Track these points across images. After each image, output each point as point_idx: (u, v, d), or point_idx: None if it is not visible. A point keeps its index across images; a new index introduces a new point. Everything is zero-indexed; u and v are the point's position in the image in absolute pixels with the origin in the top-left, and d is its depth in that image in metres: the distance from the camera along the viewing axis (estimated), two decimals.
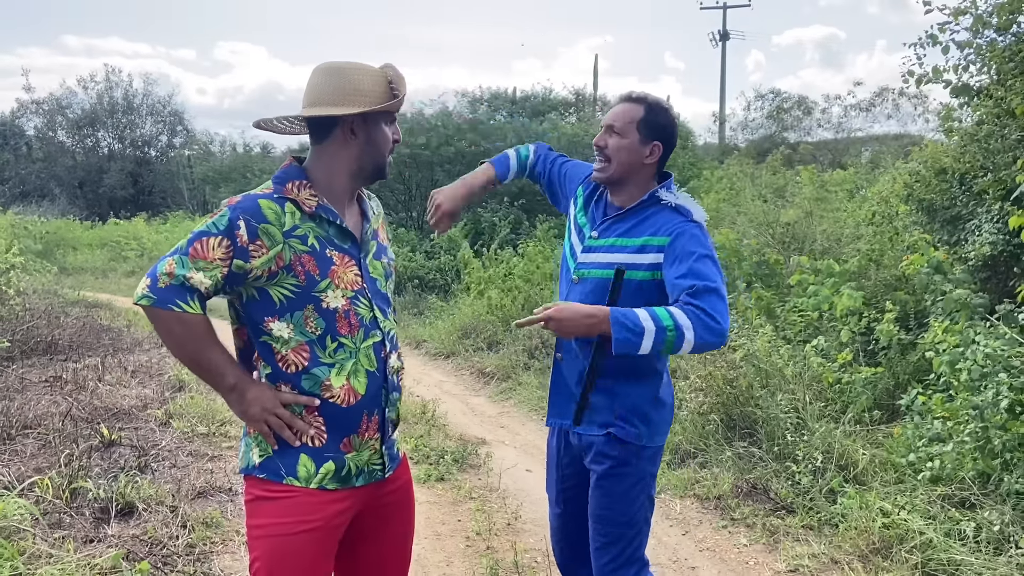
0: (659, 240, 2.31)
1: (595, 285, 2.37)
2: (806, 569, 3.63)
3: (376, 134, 1.98)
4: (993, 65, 5.05)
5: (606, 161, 2.39)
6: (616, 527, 2.42)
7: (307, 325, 1.90)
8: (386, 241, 2.16)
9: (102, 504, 3.86)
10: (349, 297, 1.94)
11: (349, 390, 1.93)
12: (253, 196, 1.90)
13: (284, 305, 1.89)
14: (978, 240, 5.29)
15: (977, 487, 3.74)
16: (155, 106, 33.46)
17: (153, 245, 20.55)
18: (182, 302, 1.82)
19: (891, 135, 18.94)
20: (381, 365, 1.98)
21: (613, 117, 2.40)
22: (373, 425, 1.98)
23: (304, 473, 1.91)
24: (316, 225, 1.93)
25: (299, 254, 1.89)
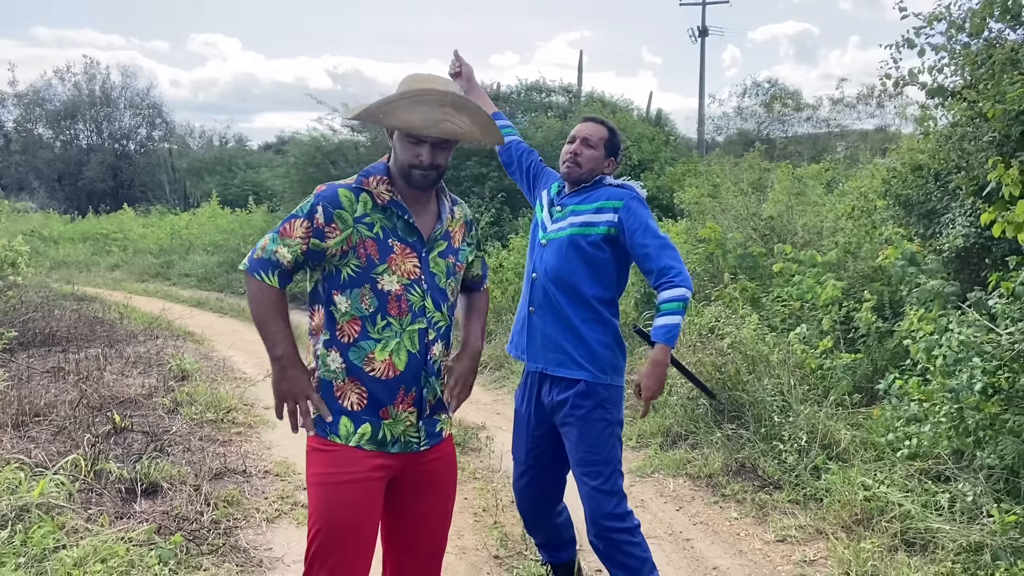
0: (613, 203, 2.95)
1: (561, 244, 2.97)
2: (793, 539, 3.90)
3: (398, 146, 2.22)
4: (966, 69, 5.33)
5: (577, 166, 3.03)
6: (596, 466, 2.90)
7: (362, 301, 2.17)
8: (461, 244, 2.38)
9: (127, 484, 4.04)
10: (404, 284, 2.19)
11: (390, 365, 2.19)
12: (336, 185, 2.20)
13: (348, 281, 2.17)
14: (952, 233, 5.58)
15: (952, 462, 4.02)
16: (133, 99, 33.31)
17: (139, 238, 20.48)
18: (264, 273, 2.14)
19: (870, 131, 19.34)
20: (423, 348, 2.23)
21: (589, 133, 3.06)
22: (409, 400, 2.22)
23: (344, 432, 2.19)
24: (385, 216, 2.21)
25: (364, 239, 2.17)
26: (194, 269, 17.23)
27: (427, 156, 2.18)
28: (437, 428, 2.34)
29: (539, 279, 3.01)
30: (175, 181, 29.92)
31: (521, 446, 3.12)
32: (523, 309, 3.10)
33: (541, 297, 3.00)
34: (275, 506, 4.21)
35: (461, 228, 2.41)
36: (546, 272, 2.99)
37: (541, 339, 3.00)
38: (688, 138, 26.05)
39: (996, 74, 4.91)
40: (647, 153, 14.47)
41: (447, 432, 2.39)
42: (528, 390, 3.08)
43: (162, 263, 18.51)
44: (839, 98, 19.44)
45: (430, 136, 2.16)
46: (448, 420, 2.39)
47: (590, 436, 2.91)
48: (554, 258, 2.99)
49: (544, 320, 2.99)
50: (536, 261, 3.06)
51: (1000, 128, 4.75)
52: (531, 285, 3.05)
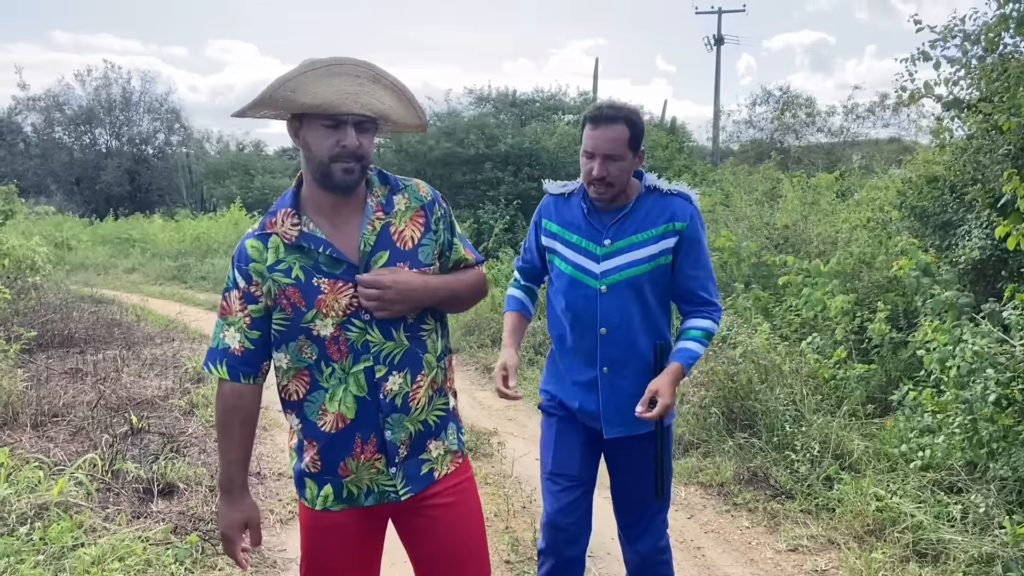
0: (678, 225, 2.52)
1: (632, 285, 2.52)
2: (805, 548, 3.90)
3: (307, 137, 1.84)
4: (982, 82, 5.33)
5: (609, 187, 2.50)
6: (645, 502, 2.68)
7: (303, 352, 1.89)
8: (419, 240, 1.96)
9: (144, 484, 4.10)
10: (339, 323, 1.87)
11: (339, 416, 1.90)
12: (244, 238, 1.92)
13: (279, 338, 1.90)
14: (968, 245, 5.57)
15: (965, 474, 4.01)
16: (152, 104, 33.64)
17: (158, 241, 20.70)
18: (213, 365, 1.91)
19: (885, 140, 19.22)
20: (372, 389, 1.89)
21: (610, 147, 2.47)
22: (371, 447, 1.92)
23: (309, 495, 1.98)
24: (302, 255, 1.87)
25: (283, 287, 1.86)
26: (211, 272, 17.37)
27: (351, 139, 1.80)
28: (423, 470, 1.99)
29: (610, 333, 2.55)
30: (192, 185, 30.17)
31: (572, 462, 2.70)
32: (584, 370, 2.61)
33: (618, 353, 2.56)
34: (288, 508, 4.25)
35: (413, 220, 1.96)
36: (625, 324, 2.54)
37: (623, 402, 2.56)
38: (703, 146, 26.06)
39: (1011, 87, 4.91)
40: (660, 160, 14.50)
41: (442, 471, 2.02)
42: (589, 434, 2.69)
43: (179, 266, 18.66)
44: (851, 107, 19.36)
45: (351, 113, 1.79)
46: (443, 457, 2.03)
47: (648, 473, 2.65)
48: (627, 305, 2.54)
49: (626, 379, 2.57)
50: (596, 311, 2.56)
51: (1015, 141, 4.75)
52: (599, 341, 2.57)
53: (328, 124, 1.80)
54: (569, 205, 2.66)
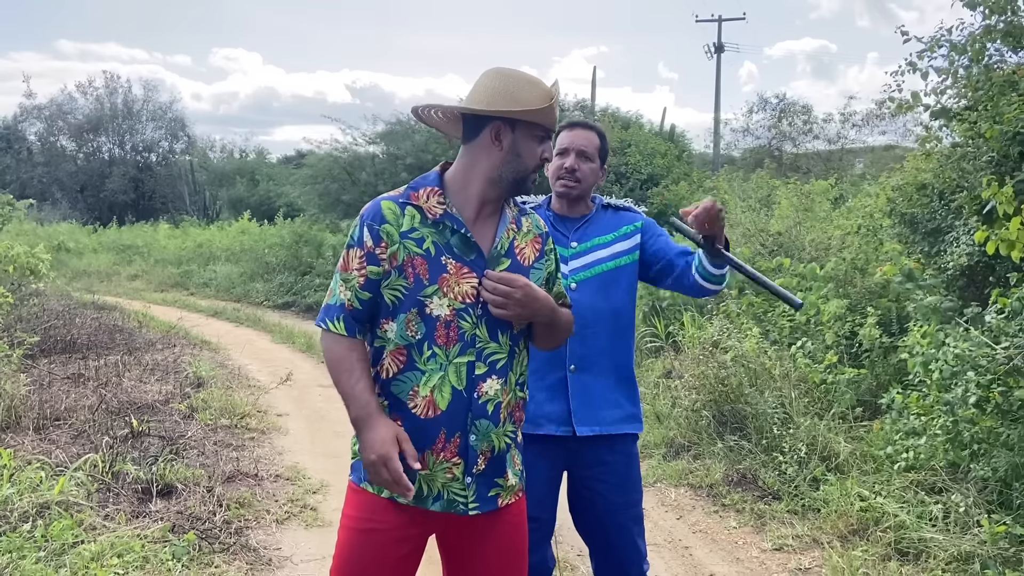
0: (636, 226, 2.72)
1: (599, 281, 2.61)
2: (790, 548, 3.99)
3: (522, 145, 1.96)
4: (967, 92, 5.42)
5: (577, 182, 2.64)
6: (637, 507, 2.68)
7: (408, 328, 1.90)
8: (533, 263, 2.04)
9: (143, 485, 4.19)
10: (456, 308, 1.90)
11: (430, 402, 1.90)
12: (380, 199, 1.97)
13: (394, 307, 1.92)
14: (956, 252, 5.64)
15: (947, 474, 4.09)
16: (156, 112, 33.85)
17: (161, 249, 20.85)
18: (329, 320, 1.93)
19: (882, 147, 19.31)
20: (470, 385, 1.91)
21: (584, 143, 2.66)
22: (452, 447, 1.91)
23: None
24: (437, 231, 1.93)
25: (412, 256, 1.90)
26: (213, 279, 17.49)
27: (551, 152, 2.05)
28: (491, 492, 1.96)
29: (579, 330, 2.49)
30: (195, 192, 30.34)
31: (549, 507, 2.65)
32: (550, 372, 2.58)
33: (586, 351, 2.58)
34: (285, 508, 4.33)
35: (533, 242, 2.07)
36: (594, 319, 2.56)
37: (593, 399, 2.58)
38: (704, 153, 26.15)
39: (995, 96, 5.00)
40: (659, 168, 14.57)
41: (506, 501, 2.00)
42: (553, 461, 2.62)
43: (182, 273, 18.80)
44: (848, 115, 19.42)
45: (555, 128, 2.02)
46: (513, 489, 2.01)
47: (632, 477, 2.67)
48: (595, 298, 2.58)
49: (594, 376, 2.59)
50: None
51: (998, 148, 4.83)
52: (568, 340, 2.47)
53: (541, 135, 1.98)
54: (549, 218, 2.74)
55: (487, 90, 1.95)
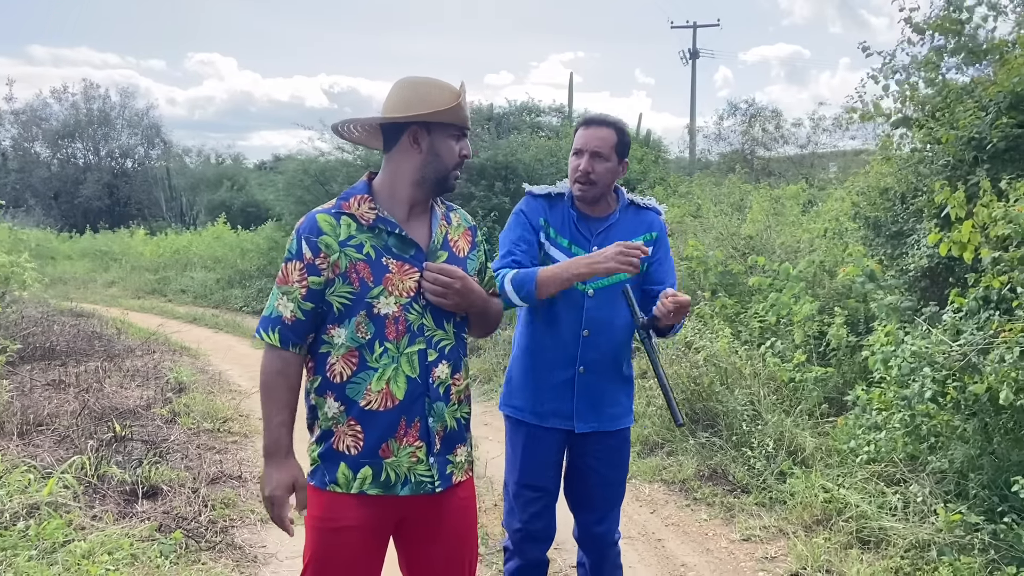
0: (653, 235, 2.77)
1: (614, 290, 2.66)
2: (757, 538, 4.15)
3: (439, 145, 2.06)
4: (926, 103, 5.65)
5: (592, 184, 2.66)
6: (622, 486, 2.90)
7: (358, 330, 2.00)
8: (468, 253, 2.18)
9: (129, 487, 4.28)
10: (402, 304, 2.01)
11: (387, 394, 1.99)
12: (313, 213, 2.05)
13: (342, 312, 2.00)
14: (917, 253, 5.86)
15: (906, 466, 4.28)
16: (133, 118, 33.66)
17: (137, 255, 20.73)
18: (265, 331, 2.02)
19: (852, 152, 19.65)
20: (423, 371, 2.02)
21: (598, 144, 2.65)
22: (413, 431, 2.02)
23: (343, 480, 2.02)
24: (374, 236, 2.03)
25: (354, 262, 1.99)
26: (191, 286, 17.47)
27: (468, 148, 2.11)
28: (447, 470, 2.09)
29: (592, 335, 2.68)
30: (172, 198, 30.21)
31: (542, 475, 2.80)
32: (559, 371, 2.71)
33: (596, 354, 2.70)
34: None
35: (465, 235, 2.21)
36: (607, 326, 2.69)
37: (596, 399, 2.73)
38: (681, 158, 26.41)
39: (951, 104, 5.22)
40: (635, 173, 14.79)
41: (459, 478, 2.13)
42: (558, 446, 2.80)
43: (159, 279, 18.75)
44: (818, 120, 19.73)
45: (468, 129, 2.11)
46: (462, 465, 2.15)
47: (624, 459, 2.87)
48: (610, 308, 2.68)
49: (600, 377, 2.72)
50: (581, 313, 2.68)
51: (953, 153, 5.04)
52: (580, 343, 2.69)
53: (455, 134, 2.08)
54: (557, 210, 2.76)
55: (399, 99, 2.06)
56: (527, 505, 2.83)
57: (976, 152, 4.94)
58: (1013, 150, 4.74)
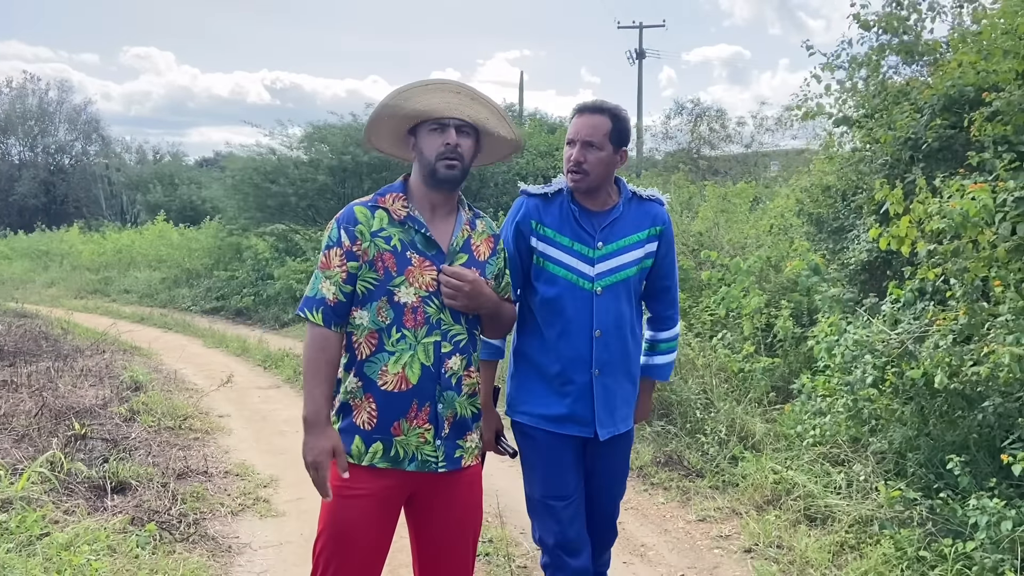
0: (658, 228, 2.66)
1: (623, 287, 2.61)
2: (712, 518, 4.37)
3: (423, 142, 2.23)
4: (865, 102, 5.95)
5: (584, 174, 2.54)
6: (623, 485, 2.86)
7: (379, 314, 2.17)
8: (488, 258, 2.34)
9: (96, 482, 4.30)
10: (422, 296, 2.18)
11: (402, 377, 2.16)
12: (352, 204, 2.25)
13: (365, 296, 2.19)
14: (857, 248, 6.17)
15: (849, 448, 4.55)
16: (70, 114, 32.80)
17: (77, 254, 20.23)
18: (309, 310, 2.18)
19: (795, 151, 20.20)
20: (437, 361, 2.19)
21: (589, 133, 2.53)
22: (423, 415, 2.19)
23: (356, 451, 2.18)
24: (402, 231, 2.22)
25: (381, 251, 2.18)
26: (135, 285, 17.18)
27: (453, 137, 2.19)
28: (456, 454, 2.26)
29: (604, 336, 2.58)
30: (112, 196, 29.52)
31: (566, 483, 2.67)
32: (575, 375, 2.59)
33: (608, 355, 2.59)
34: (238, 501, 4.49)
35: (487, 241, 2.37)
36: (616, 325, 2.60)
37: (612, 401, 2.63)
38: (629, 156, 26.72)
39: (889, 105, 5.52)
40: None
41: (468, 462, 2.30)
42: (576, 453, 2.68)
43: (101, 279, 18.40)
44: (761, 120, 20.24)
45: (453, 118, 2.19)
46: (472, 450, 2.31)
47: (626, 465, 2.84)
48: (619, 306, 2.60)
49: (615, 380, 2.62)
50: (591, 313, 2.57)
51: (891, 152, 5.34)
52: (593, 344, 2.58)
53: (435, 128, 2.20)
54: (555, 207, 2.64)
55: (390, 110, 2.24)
56: (559, 516, 2.68)
57: (912, 152, 5.24)
58: (946, 150, 5.05)
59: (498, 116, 2.29)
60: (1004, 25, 4.52)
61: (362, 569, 2.23)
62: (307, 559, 2.92)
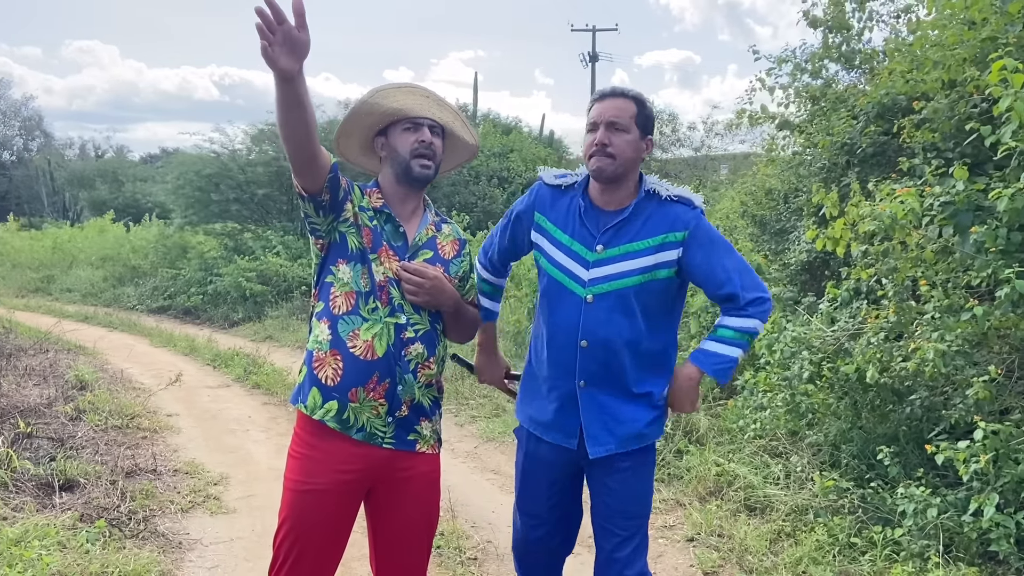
0: (678, 235, 2.34)
1: (619, 298, 2.36)
2: (657, 510, 4.50)
3: (395, 142, 2.32)
4: (806, 106, 6.19)
5: (610, 158, 2.32)
6: (639, 519, 2.51)
7: (361, 278, 2.26)
8: (452, 257, 2.42)
9: (44, 480, 4.26)
10: (389, 277, 2.28)
11: (370, 346, 2.23)
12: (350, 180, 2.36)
13: (353, 254, 2.27)
14: (797, 249, 6.40)
15: (787, 441, 4.73)
16: (9, 109, 31.88)
17: (16, 252, 19.67)
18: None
19: (742, 155, 20.64)
20: (399, 343, 2.26)
21: (614, 113, 2.34)
22: (380, 389, 2.24)
23: (312, 403, 2.25)
24: (379, 217, 2.33)
25: (363, 224, 2.29)
26: (77, 284, 16.82)
27: (428, 135, 2.27)
28: (409, 436, 2.32)
29: (591, 347, 2.37)
30: (54, 193, 28.78)
31: (537, 502, 2.59)
32: (559, 383, 2.44)
33: (596, 367, 2.38)
34: (188, 498, 4.49)
35: (453, 244, 2.45)
36: (607, 339, 2.36)
37: (605, 418, 2.41)
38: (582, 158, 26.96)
39: (828, 111, 5.75)
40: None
41: (423, 448, 2.35)
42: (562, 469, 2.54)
43: (42, 278, 17.97)
44: (711, 125, 20.67)
45: (426, 118, 2.29)
46: (428, 438, 2.36)
47: (639, 487, 2.50)
48: (612, 317, 2.36)
49: (604, 392, 2.40)
50: (578, 322, 2.38)
51: (829, 157, 5.56)
52: (578, 354, 2.39)
53: (408, 127, 2.29)
54: (565, 201, 2.48)
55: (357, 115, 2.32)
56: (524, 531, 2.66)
57: (848, 156, 5.46)
58: (880, 155, 5.27)
59: (461, 121, 2.41)
60: (935, 37, 4.75)
61: (320, 559, 2.29)
62: (258, 554, 2.98)
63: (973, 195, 3.69)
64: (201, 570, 3.64)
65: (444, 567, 3.76)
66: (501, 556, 3.91)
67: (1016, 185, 3.46)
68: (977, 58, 4.29)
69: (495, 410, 6.69)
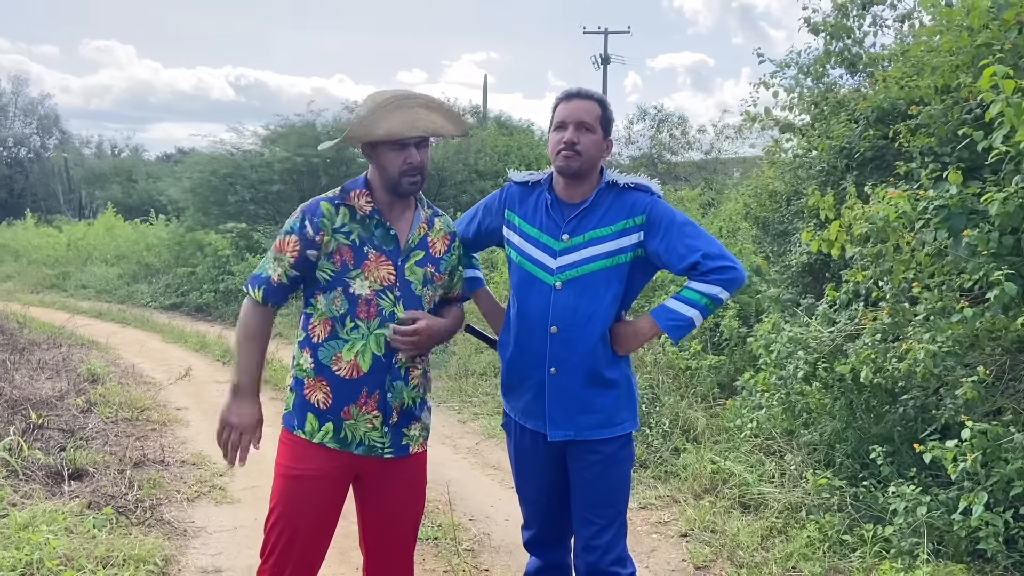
0: (637, 220, 2.48)
1: (586, 282, 2.48)
2: (653, 506, 4.58)
3: (383, 158, 2.33)
4: (808, 109, 6.24)
5: (578, 155, 2.46)
6: (614, 507, 2.57)
7: (334, 303, 2.30)
8: (443, 254, 2.46)
9: (54, 469, 4.38)
10: (376, 289, 2.31)
11: (354, 365, 2.29)
12: (318, 199, 2.36)
13: (324, 285, 2.32)
14: (798, 251, 6.45)
15: (782, 439, 4.79)
16: (27, 107, 32.25)
17: (33, 249, 19.91)
18: (252, 287, 2.32)
19: (753, 158, 20.63)
20: (388, 352, 2.32)
21: (584, 113, 2.48)
22: (372, 402, 2.32)
23: (309, 428, 2.32)
24: (362, 227, 2.34)
25: (340, 246, 2.30)
26: (92, 281, 17.02)
27: (414, 157, 2.29)
28: (403, 442, 2.39)
29: (561, 332, 2.47)
30: (71, 191, 29.11)
31: (529, 486, 2.71)
32: (531, 371, 2.54)
33: (565, 352, 2.48)
34: (194, 488, 4.60)
35: (444, 238, 2.48)
36: (574, 322, 2.46)
37: (571, 403, 2.49)
38: None
39: (828, 115, 5.81)
40: None
41: (415, 449, 2.43)
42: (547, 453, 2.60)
43: (57, 274, 18.18)
44: (721, 128, 20.70)
45: (412, 137, 2.28)
46: (417, 438, 2.44)
47: (614, 479, 2.57)
48: (580, 302, 2.47)
49: (572, 379, 2.48)
50: (548, 308, 2.49)
51: (827, 160, 5.62)
52: (548, 340, 2.49)
53: (396, 148, 2.29)
54: (532, 197, 2.63)
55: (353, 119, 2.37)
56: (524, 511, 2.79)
57: (847, 160, 5.52)
58: (878, 159, 5.33)
59: (449, 116, 2.41)
60: (931, 43, 4.80)
61: (310, 543, 2.37)
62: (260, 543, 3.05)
63: (966, 199, 3.75)
64: (204, 556, 3.74)
65: (441, 557, 3.85)
66: (496, 548, 4.00)
67: (1008, 189, 3.52)
68: (971, 64, 4.34)
69: (497, 407, 6.78)
